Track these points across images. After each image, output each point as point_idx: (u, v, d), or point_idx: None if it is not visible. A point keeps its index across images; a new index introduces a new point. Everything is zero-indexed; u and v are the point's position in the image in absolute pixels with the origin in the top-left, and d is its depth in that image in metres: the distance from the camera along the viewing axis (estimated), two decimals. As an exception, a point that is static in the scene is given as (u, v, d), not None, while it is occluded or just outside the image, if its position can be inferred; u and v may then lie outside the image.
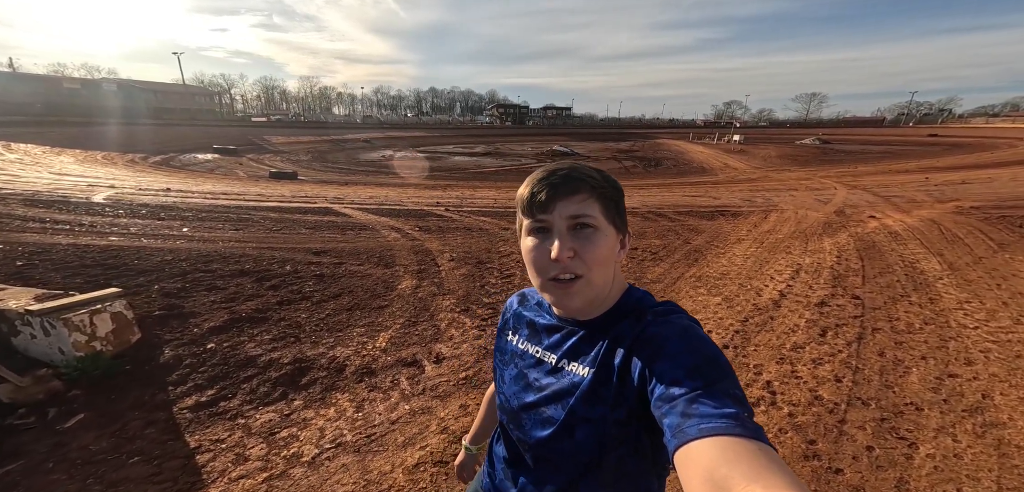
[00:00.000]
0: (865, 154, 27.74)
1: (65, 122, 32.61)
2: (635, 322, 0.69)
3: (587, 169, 0.70)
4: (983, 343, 3.23)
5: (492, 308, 3.58)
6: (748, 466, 0.44)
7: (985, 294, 4.15)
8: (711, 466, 0.45)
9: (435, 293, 3.77)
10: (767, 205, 9.73)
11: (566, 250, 0.65)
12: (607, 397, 0.66)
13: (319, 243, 5.22)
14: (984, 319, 3.62)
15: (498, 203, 9.57)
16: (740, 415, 0.50)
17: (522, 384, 0.79)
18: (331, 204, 8.42)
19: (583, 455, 0.70)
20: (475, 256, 5.02)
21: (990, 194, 10.80)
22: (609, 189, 0.70)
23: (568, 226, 0.67)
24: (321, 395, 2.42)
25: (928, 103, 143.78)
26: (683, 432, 0.51)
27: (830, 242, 6.10)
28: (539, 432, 0.74)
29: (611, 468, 0.69)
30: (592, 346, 0.71)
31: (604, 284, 0.70)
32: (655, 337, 0.64)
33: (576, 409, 0.69)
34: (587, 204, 0.67)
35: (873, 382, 2.76)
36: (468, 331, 3.16)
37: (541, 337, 0.80)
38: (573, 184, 0.67)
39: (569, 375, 0.72)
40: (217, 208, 7.44)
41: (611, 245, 0.69)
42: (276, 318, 3.13)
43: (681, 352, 0.60)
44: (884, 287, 4.35)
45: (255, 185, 12.08)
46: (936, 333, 3.39)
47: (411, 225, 6.70)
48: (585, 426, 0.68)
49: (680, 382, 0.56)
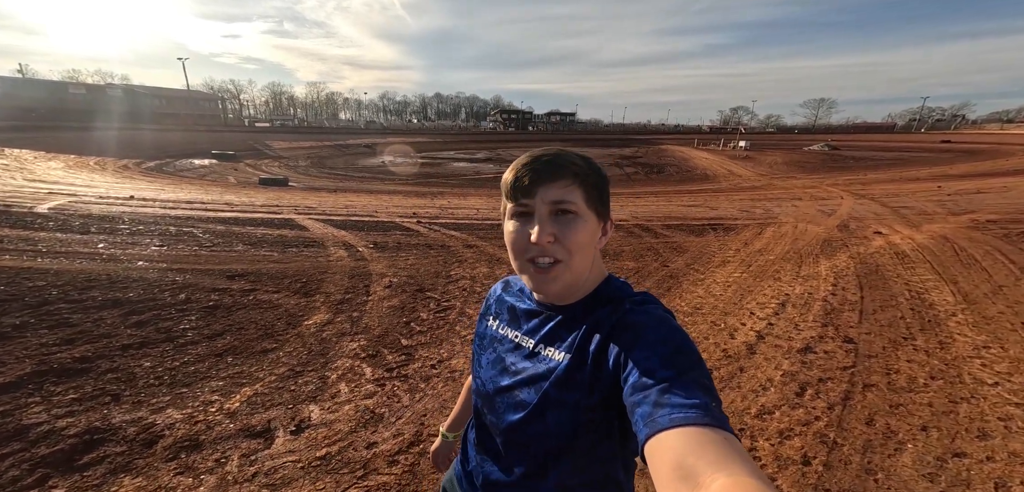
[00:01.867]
0: (875, 161, 26.88)
1: (67, 127, 32.76)
2: (613, 310, 0.69)
3: (571, 155, 0.70)
4: (1004, 406, 2.57)
5: (407, 353, 2.98)
6: (714, 455, 0.45)
7: (1008, 337, 3.47)
8: (679, 455, 0.46)
9: (345, 332, 3.20)
10: (765, 217, 9.08)
11: (546, 234, 0.67)
12: (581, 382, 0.67)
13: (244, 264, 4.67)
14: (1006, 372, 2.95)
15: (480, 214, 9.03)
16: (708, 405, 0.51)
17: (499, 368, 0.79)
18: (296, 215, 7.92)
19: (553, 439, 0.71)
20: (418, 282, 4.44)
21: (1008, 205, 10.03)
22: (592, 176, 0.70)
23: (549, 211, 0.68)
24: (99, 481, 1.83)
25: (941, 108, 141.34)
26: (654, 421, 0.51)
27: (827, 266, 5.43)
28: (512, 416, 0.75)
29: (582, 453, 0.70)
30: (569, 332, 0.72)
31: (583, 270, 0.71)
32: (633, 325, 0.65)
33: (549, 393, 0.70)
34: (569, 190, 0.68)
35: (852, 464, 2.12)
36: (362, 385, 2.57)
37: (520, 322, 0.80)
38: (556, 169, 0.68)
39: (545, 360, 0.72)
40: (165, 219, 6.95)
41: (591, 231, 0.70)
42: (105, 368, 2.52)
43: (657, 341, 0.61)
44: (885, 326, 3.68)
45: (233, 193, 11.65)
46: (944, 392, 2.73)
47: (368, 241, 6.15)
48: (557, 410, 0.69)
49: (654, 371, 0.57)
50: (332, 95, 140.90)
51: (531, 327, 0.78)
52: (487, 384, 0.81)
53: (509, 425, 0.75)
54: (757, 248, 6.48)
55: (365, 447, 2.06)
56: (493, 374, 0.80)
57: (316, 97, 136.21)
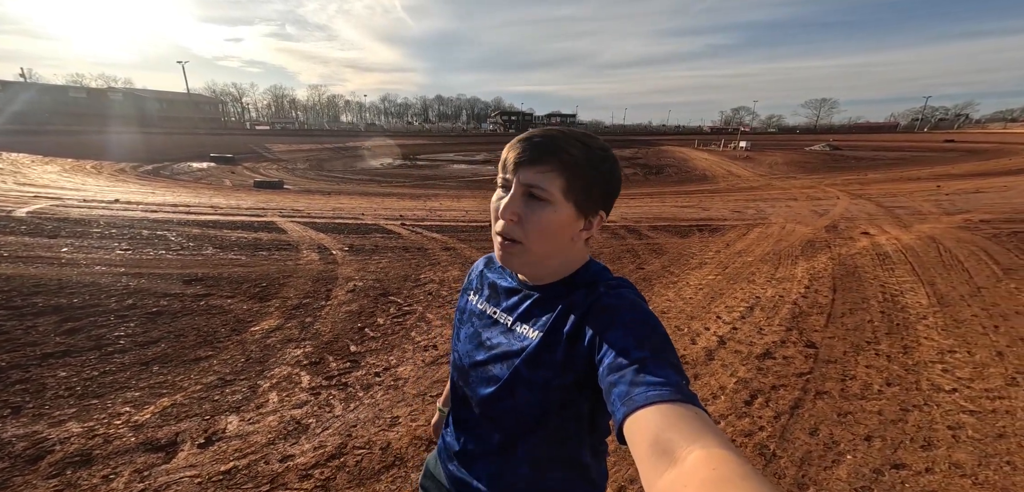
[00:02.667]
0: (876, 161, 26.66)
1: (67, 131, 33.02)
2: (588, 293, 0.71)
3: (568, 142, 0.68)
4: (956, 414, 2.48)
5: (353, 360, 2.92)
6: (687, 429, 0.46)
7: (977, 340, 3.38)
8: (656, 431, 0.48)
9: (291, 339, 3.14)
10: (755, 218, 8.99)
11: (510, 213, 0.68)
12: (552, 362, 0.69)
13: (207, 268, 4.63)
14: (968, 377, 2.86)
15: (468, 216, 8.98)
16: (680, 383, 0.54)
17: (475, 343, 0.81)
18: (280, 218, 7.89)
19: (522, 414, 0.73)
20: (384, 286, 4.39)
21: (1004, 205, 9.89)
22: (583, 167, 0.68)
23: (523, 192, 0.68)
24: (-36, 500, 1.77)
25: (944, 108, 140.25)
26: (631, 400, 0.53)
27: (804, 267, 5.33)
28: (484, 390, 0.76)
29: (551, 430, 0.72)
30: (544, 311, 0.73)
31: (545, 256, 0.71)
32: (607, 307, 0.66)
33: (520, 370, 0.71)
34: (546, 177, 0.67)
35: (786, 478, 2.03)
36: (295, 394, 2.50)
37: (500, 298, 0.81)
38: (542, 153, 0.67)
39: (519, 337, 0.74)
40: (142, 222, 6.94)
41: (562, 222, 0.69)
42: (15, 379, 2.43)
43: (630, 323, 0.62)
44: (851, 330, 3.59)
45: (223, 196, 11.65)
46: (898, 399, 2.64)
47: (344, 244, 6.11)
48: (526, 388, 0.71)
49: (629, 351, 0.58)
50: (334, 98, 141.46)
51: (509, 304, 0.79)
52: (463, 358, 0.83)
53: (481, 398, 0.77)
54: (738, 249, 6.39)
55: (279, 460, 2.00)
56: (470, 348, 0.82)
57: (318, 100, 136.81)
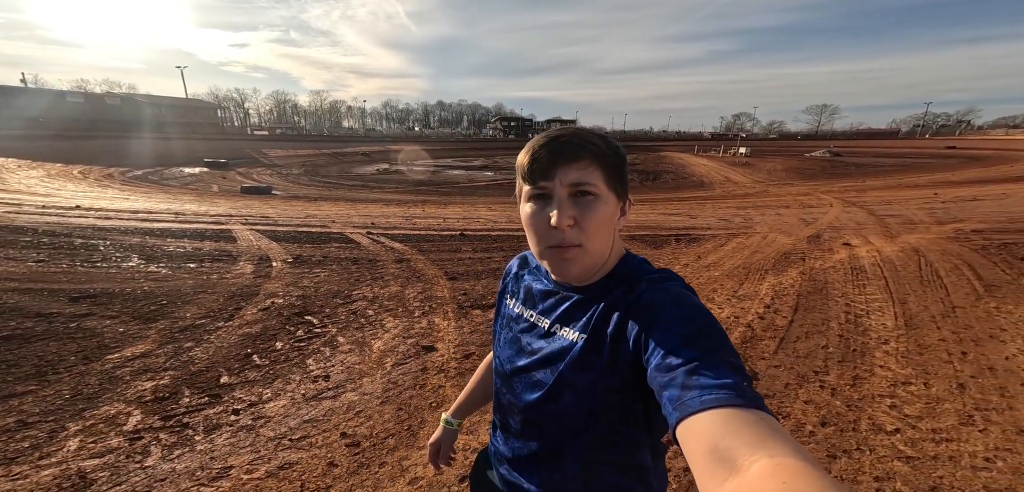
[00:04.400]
0: (876, 167, 26.22)
1: (64, 136, 33.14)
2: (629, 289, 0.68)
3: (590, 134, 0.68)
4: (890, 461, 2.14)
5: (214, 395, 2.59)
6: (750, 435, 0.42)
7: (938, 370, 3.03)
8: (714, 438, 0.44)
9: (152, 368, 2.82)
10: (740, 227, 8.67)
11: (566, 218, 0.65)
12: (597, 364, 0.66)
13: (110, 283, 4.34)
14: (916, 415, 2.52)
15: (445, 223, 8.75)
16: (739, 385, 0.49)
17: (516, 348, 0.79)
18: (242, 226, 7.66)
19: (569, 420, 0.70)
20: (306, 304, 4.10)
21: (1000, 213, 9.52)
22: (611, 156, 0.68)
23: (569, 193, 0.66)
24: None
25: (946, 114, 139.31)
26: (684, 405, 0.49)
27: (771, 282, 5.00)
28: (528, 396, 0.75)
29: (601, 435, 0.69)
30: (585, 312, 0.70)
31: (602, 252, 0.70)
32: (650, 304, 0.63)
33: (564, 374, 0.69)
34: (589, 171, 0.66)
35: None
36: (104, 440, 2.14)
37: (537, 302, 0.80)
38: (575, 150, 0.65)
39: (560, 340, 0.72)
40: (81, 230, 6.72)
41: (611, 213, 0.68)
42: None
43: (677, 320, 0.59)
44: (801, 357, 3.25)
45: (197, 202, 11.43)
46: (829, 442, 2.30)
47: (291, 254, 5.84)
48: (572, 391, 0.69)
49: (677, 351, 0.54)
50: (335, 103, 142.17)
51: (547, 306, 0.77)
52: (505, 364, 0.81)
53: (526, 405, 0.75)
54: (709, 262, 6.07)
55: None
56: (510, 354, 0.80)
57: (320, 105, 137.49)
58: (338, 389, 2.72)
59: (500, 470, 0.85)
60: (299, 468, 2.04)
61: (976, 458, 2.17)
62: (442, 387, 2.87)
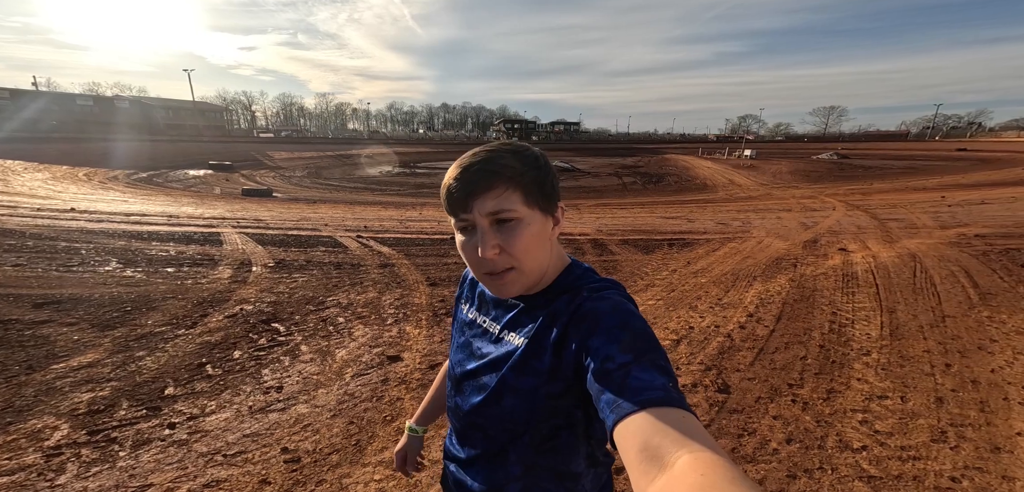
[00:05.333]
0: (884, 170, 25.82)
1: (72, 138, 33.61)
2: (571, 298, 0.70)
3: (502, 156, 0.66)
4: (851, 481, 2.02)
5: (154, 408, 2.50)
6: (676, 432, 0.46)
7: (916, 384, 2.90)
8: (645, 436, 0.47)
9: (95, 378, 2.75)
10: (738, 231, 8.52)
11: (491, 249, 0.66)
12: (538, 369, 0.68)
13: (80, 288, 4.29)
14: (887, 431, 2.40)
15: (440, 227, 8.66)
16: (667, 386, 0.52)
17: (467, 353, 0.81)
18: (232, 229, 7.64)
19: (510, 423, 0.72)
20: (277, 311, 4.03)
21: (1007, 218, 9.27)
22: (528, 173, 0.67)
23: (490, 222, 0.66)
24: None
25: (957, 115, 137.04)
26: (619, 406, 0.52)
27: (758, 289, 4.86)
28: (474, 398, 0.77)
29: (542, 439, 0.71)
30: (530, 319, 0.72)
31: (539, 268, 0.71)
32: (590, 313, 0.65)
33: (506, 378, 0.71)
34: (505, 197, 0.66)
35: None
36: (17, 457, 2.06)
37: (489, 308, 0.81)
38: (487, 178, 0.65)
39: (506, 345, 0.74)
40: (71, 234, 6.73)
41: (538, 231, 0.69)
42: None
43: (614, 327, 0.61)
44: (777, 369, 3.13)
45: (194, 205, 11.48)
46: (789, 461, 2.18)
47: (273, 259, 5.81)
48: (513, 395, 0.71)
49: (614, 357, 0.57)
50: (341, 106, 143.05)
51: (497, 313, 0.79)
52: (455, 368, 0.83)
53: (471, 407, 0.77)
54: (698, 268, 5.94)
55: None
56: (462, 358, 0.82)
57: (325, 108, 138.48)
58: (289, 401, 2.65)
59: (450, 468, 0.88)
60: (227, 486, 1.96)
61: (942, 477, 2.05)
62: (401, 399, 2.79)
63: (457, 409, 0.82)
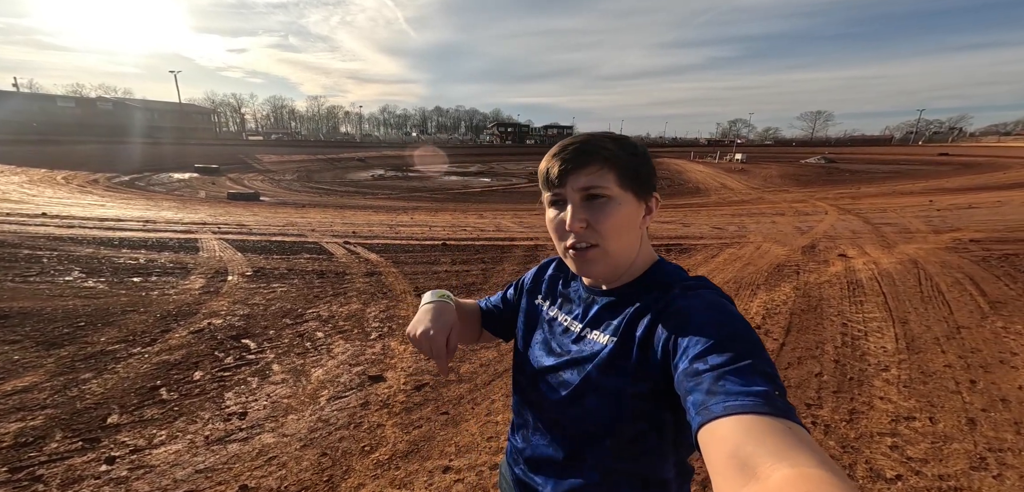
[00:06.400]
0: (871, 174, 26.09)
1: (53, 141, 32.70)
2: (661, 294, 0.67)
3: (602, 139, 0.69)
4: None
5: (92, 440, 2.17)
6: (776, 444, 0.40)
7: (944, 403, 2.68)
8: (736, 444, 0.42)
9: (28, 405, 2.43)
10: (734, 236, 8.35)
11: (578, 221, 0.66)
12: (625, 369, 0.66)
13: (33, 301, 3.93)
14: (921, 458, 2.17)
15: (430, 232, 8.37)
16: (770, 393, 0.47)
17: (545, 349, 0.79)
18: (211, 235, 7.28)
19: (591, 423, 0.70)
20: (248, 325, 3.72)
21: (997, 222, 9.25)
22: (625, 156, 0.68)
23: (581, 197, 0.67)
24: None
25: (938, 121, 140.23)
26: (707, 409, 0.48)
27: (763, 299, 4.65)
28: (553, 395, 0.74)
29: (624, 441, 0.68)
30: (615, 316, 0.70)
31: (623, 252, 0.69)
32: (681, 310, 0.62)
33: (591, 376, 0.69)
34: (599, 175, 0.66)
35: None
36: None
37: (570, 305, 0.80)
38: (584, 156, 0.67)
39: (590, 343, 0.71)
40: (36, 240, 6.33)
41: (628, 213, 0.68)
42: None
43: (707, 325, 0.57)
44: (793, 387, 2.90)
45: (174, 210, 11.05)
46: None
47: (252, 267, 5.48)
48: (597, 394, 0.68)
49: (705, 358, 0.53)
50: (333, 109, 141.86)
51: (579, 311, 0.77)
52: (532, 362, 0.80)
53: (550, 404, 0.75)
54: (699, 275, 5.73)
55: None
56: (539, 354, 0.80)
57: (317, 111, 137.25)
58: (253, 429, 2.34)
59: (516, 469, 0.84)
60: (168, 540, 1.67)
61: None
62: (382, 426, 2.50)
63: (534, 405, 0.79)
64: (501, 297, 0.99)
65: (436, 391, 2.86)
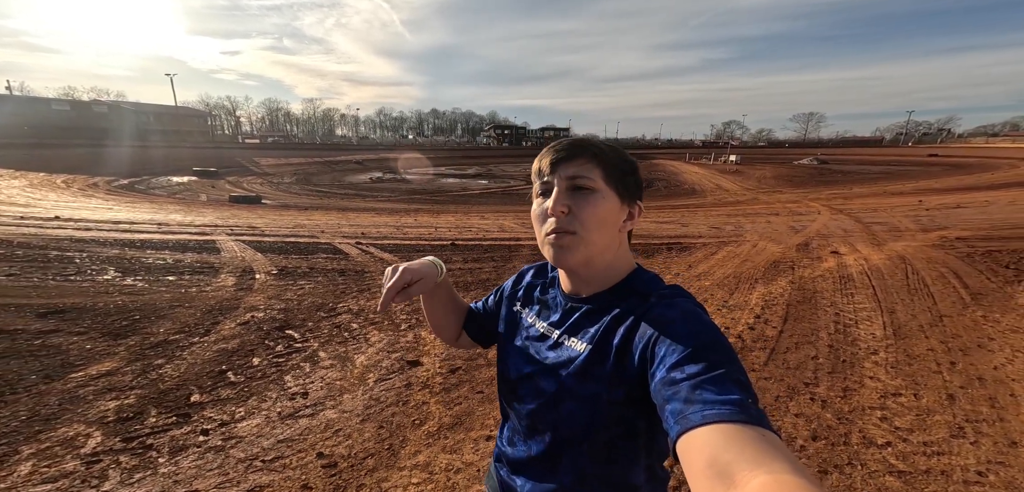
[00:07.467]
0: (862, 175, 26.67)
1: (49, 144, 32.54)
2: (639, 302, 0.69)
3: (595, 141, 0.72)
4: (883, 476, 2.10)
5: (183, 415, 2.45)
6: (752, 452, 0.42)
7: (926, 381, 3.01)
8: (714, 453, 0.44)
9: (117, 386, 2.68)
10: (731, 235, 8.68)
11: (561, 205, 0.68)
12: (601, 374, 0.67)
13: (81, 297, 4.18)
14: (907, 427, 2.49)
15: (437, 233, 8.66)
16: (744, 402, 0.48)
17: (524, 357, 0.80)
18: (226, 237, 7.50)
19: (568, 428, 0.71)
20: (288, 317, 3.98)
21: (983, 221, 9.64)
22: (614, 157, 0.71)
23: (566, 186, 0.69)
24: None
25: (927, 122, 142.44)
26: (686, 418, 0.49)
27: (761, 292, 4.98)
28: (531, 402, 0.76)
29: (600, 447, 0.69)
30: (592, 323, 0.71)
31: (602, 247, 0.70)
32: (658, 319, 0.63)
33: (566, 383, 0.70)
34: (586, 167, 0.69)
35: None
36: (57, 464, 2.01)
37: (548, 312, 0.81)
38: (576, 150, 0.70)
39: (567, 349, 0.73)
40: (61, 243, 6.53)
41: (611, 208, 0.70)
42: None
43: (684, 335, 0.58)
44: (792, 368, 3.22)
45: (182, 213, 11.23)
46: (820, 456, 2.25)
47: (276, 266, 5.72)
48: (573, 400, 0.70)
49: (682, 367, 0.54)
50: (329, 111, 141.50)
51: (557, 318, 0.78)
52: (511, 370, 0.82)
53: (528, 411, 0.77)
54: (700, 271, 6.05)
55: None
56: (518, 362, 0.81)
57: (313, 113, 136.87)
58: (316, 407, 2.62)
59: (501, 472, 0.87)
60: (271, 491, 1.94)
61: (968, 472, 2.14)
62: (426, 403, 2.78)
63: (514, 412, 0.82)
64: (483, 303, 1.00)
65: (469, 373, 3.14)
